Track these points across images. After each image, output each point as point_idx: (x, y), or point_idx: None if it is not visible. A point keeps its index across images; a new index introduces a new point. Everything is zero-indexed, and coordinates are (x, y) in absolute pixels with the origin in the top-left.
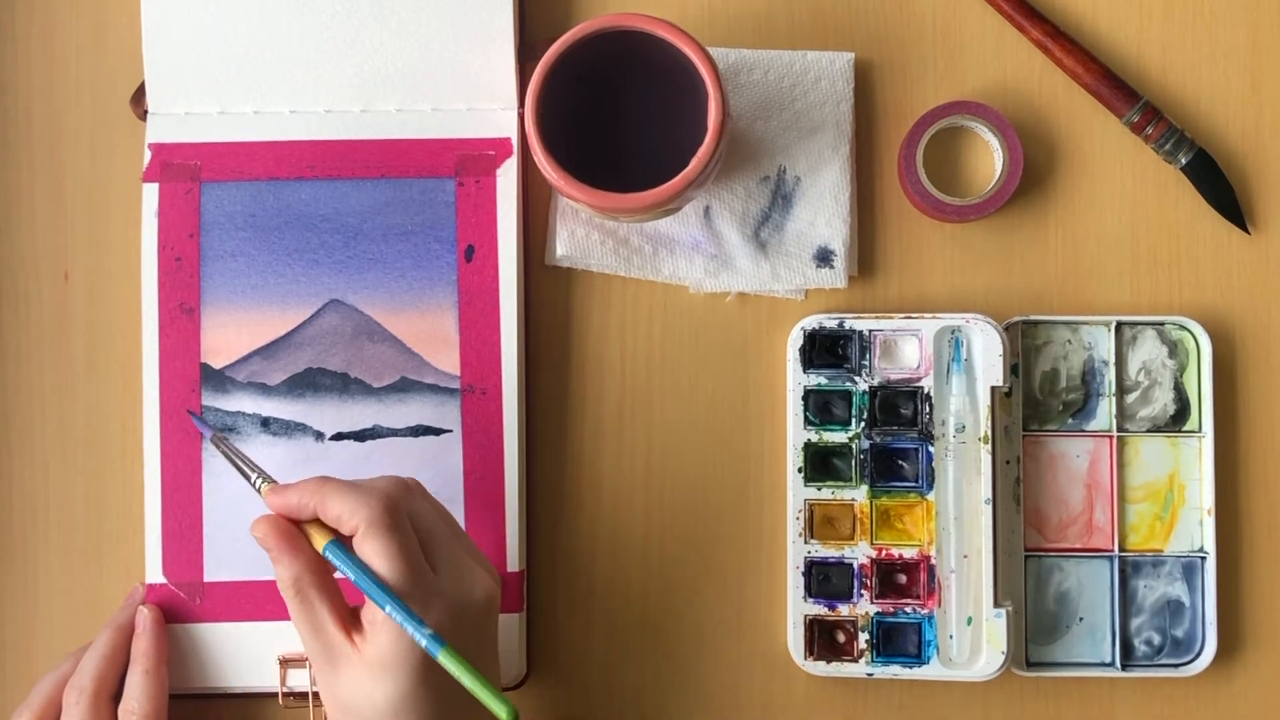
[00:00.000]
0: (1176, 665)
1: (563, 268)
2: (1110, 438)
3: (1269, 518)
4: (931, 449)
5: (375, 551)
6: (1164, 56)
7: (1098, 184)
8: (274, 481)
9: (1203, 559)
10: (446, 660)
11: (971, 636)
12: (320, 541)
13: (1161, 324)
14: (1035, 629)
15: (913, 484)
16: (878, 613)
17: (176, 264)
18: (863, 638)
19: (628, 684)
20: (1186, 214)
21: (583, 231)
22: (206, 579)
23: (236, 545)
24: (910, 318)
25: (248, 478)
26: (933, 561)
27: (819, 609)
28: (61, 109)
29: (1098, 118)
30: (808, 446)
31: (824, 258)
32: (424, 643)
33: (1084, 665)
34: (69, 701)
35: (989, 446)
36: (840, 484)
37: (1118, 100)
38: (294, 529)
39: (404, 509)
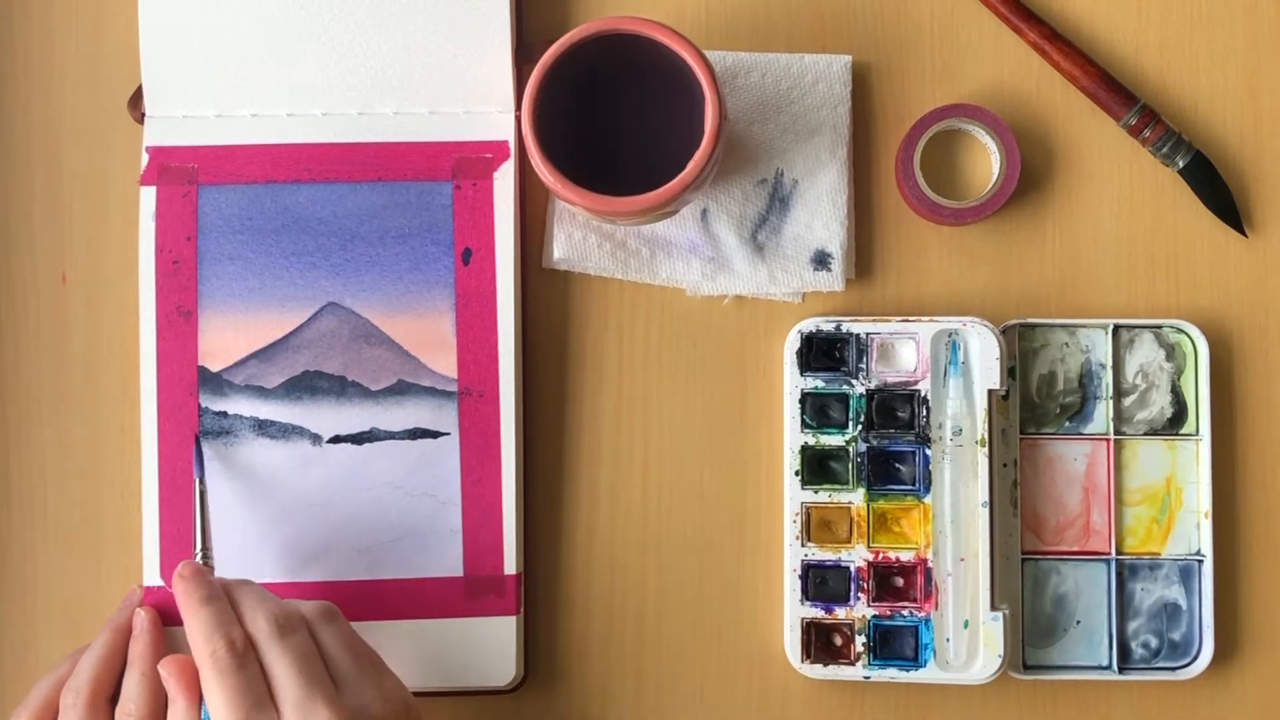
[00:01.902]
0: (1173, 668)
1: (560, 270)
2: (1107, 441)
3: (1266, 521)
4: (928, 452)
5: (211, 697)
6: (1161, 59)
7: (1095, 187)
8: (209, 560)
9: (1200, 562)
10: None
11: (968, 639)
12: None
13: (1159, 327)
14: (1032, 632)
15: (910, 487)
16: (874, 616)
17: (174, 267)
18: (859, 641)
19: (624, 687)
20: (1184, 217)
21: (580, 234)
22: None
23: (234, 548)
24: (907, 321)
25: (194, 541)
26: (930, 564)
27: (816, 612)
28: (59, 112)
29: (1095, 120)
30: (805, 449)
31: (821, 261)
32: None
33: (1081, 668)
34: (66, 703)
35: (986, 449)
36: (837, 487)
37: (1115, 103)
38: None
39: (289, 634)
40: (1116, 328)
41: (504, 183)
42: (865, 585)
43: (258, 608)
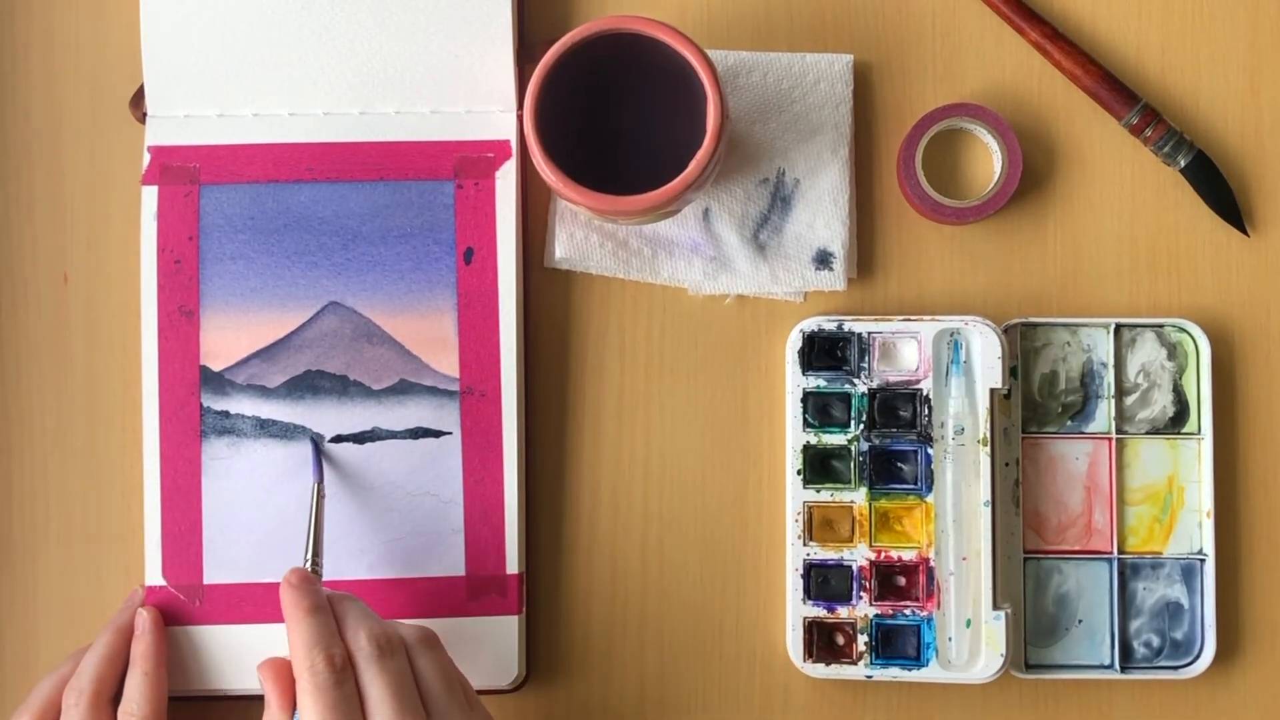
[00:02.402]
0: (1176, 667)
1: (562, 270)
2: (1109, 440)
3: (1268, 520)
4: (930, 451)
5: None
6: (1163, 58)
7: (1097, 186)
8: (317, 569)
9: (1202, 561)
10: None
11: (970, 639)
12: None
13: (1161, 326)
14: (1034, 631)
15: (912, 486)
16: (877, 615)
17: (176, 266)
18: (862, 640)
19: (626, 686)
20: (1185, 216)
21: (582, 234)
22: (206, 581)
23: (236, 548)
24: (909, 320)
25: (306, 548)
26: (932, 564)
27: (818, 611)
28: (61, 111)
29: (1097, 120)
30: (807, 449)
31: (823, 260)
32: None
33: (1083, 667)
34: (68, 703)
35: (988, 449)
36: (839, 486)
37: (1117, 102)
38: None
39: (401, 652)
40: (1118, 327)
41: (506, 182)
42: (867, 584)
43: (360, 625)
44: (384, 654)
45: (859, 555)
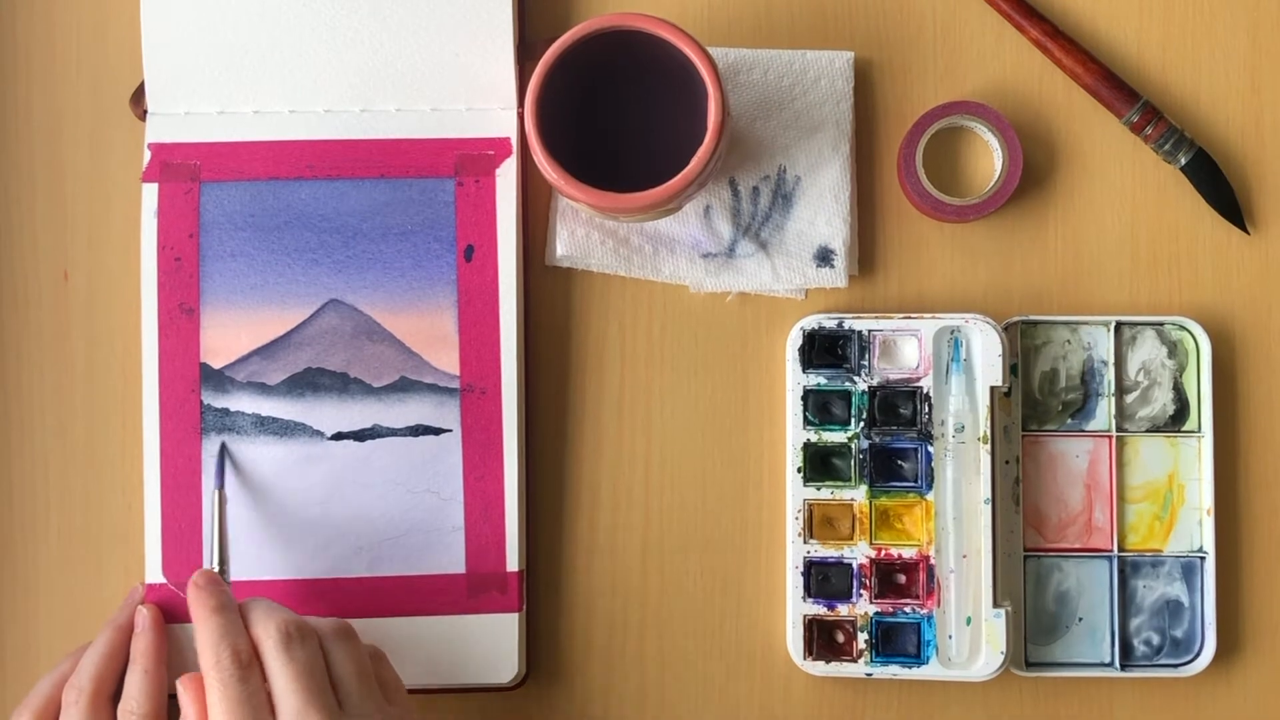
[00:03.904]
0: (1176, 665)
1: (562, 267)
2: (1109, 438)
3: (1268, 518)
4: (931, 449)
5: (275, 671)
6: (1164, 56)
7: (1097, 184)
8: (224, 572)
9: (1202, 559)
10: None
11: (970, 636)
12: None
13: (1161, 324)
14: (1034, 629)
15: (912, 484)
16: (877, 613)
17: (176, 264)
18: (862, 638)
19: (626, 683)
20: (1186, 214)
21: (583, 231)
22: None
23: (236, 546)
24: (909, 318)
25: (211, 550)
26: (932, 561)
27: (818, 609)
28: (61, 109)
29: (1097, 118)
30: (807, 446)
31: (824, 257)
32: None
33: (1083, 665)
34: (68, 701)
35: (988, 446)
36: (839, 484)
37: (1117, 100)
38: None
39: (311, 642)
40: (1118, 325)
41: (506, 180)
42: (867, 582)
43: (269, 618)
44: (291, 643)
45: (859, 553)
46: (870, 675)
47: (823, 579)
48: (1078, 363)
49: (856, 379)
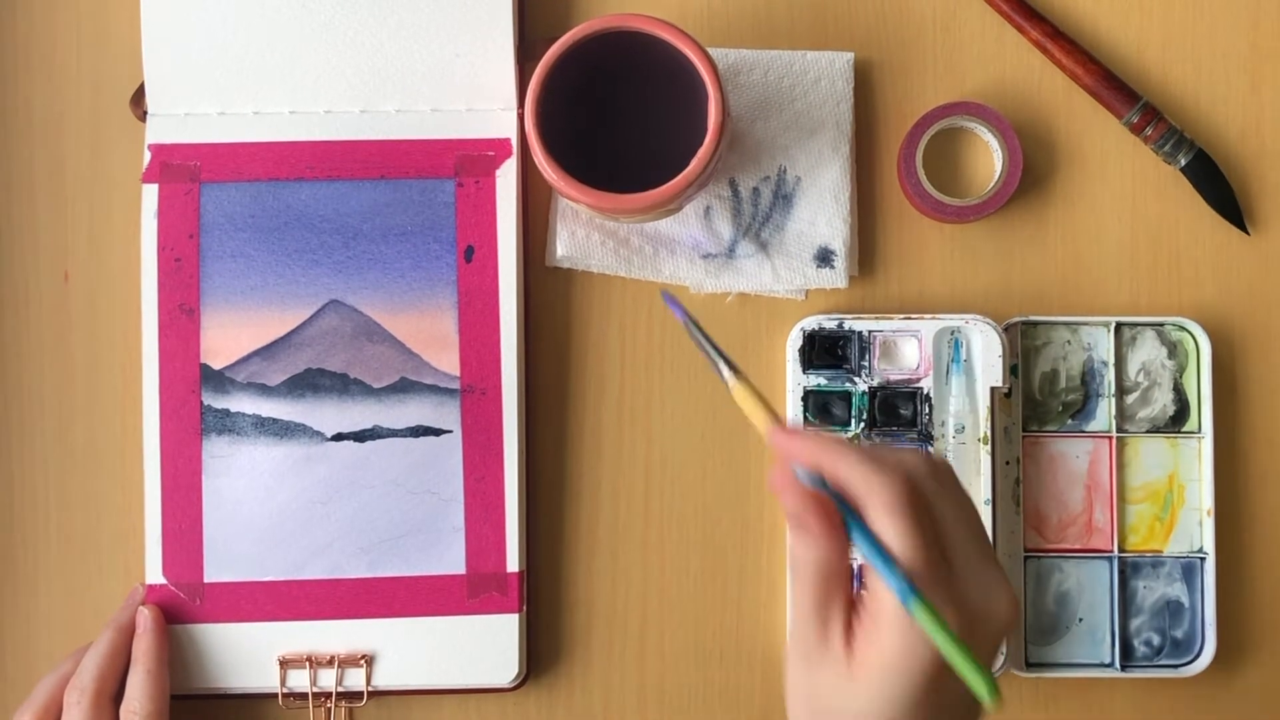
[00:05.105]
0: (1176, 666)
1: (563, 268)
2: (1110, 438)
3: (1268, 518)
4: (931, 449)
5: (896, 533)
6: (1163, 57)
7: (1097, 185)
8: (743, 375)
9: (1202, 560)
10: (920, 614)
11: None
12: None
13: (1161, 325)
14: (1035, 630)
15: None
16: None
17: (176, 264)
18: None
19: (626, 685)
20: (1186, 215)
21: (583, 232)
22: (206, 580)
23: (237, 546)
24: (910, 318)
25: (716, 367)
26: None
27: None
28: (62, 110)
29: (1097, 118)
30: None
31: (824, 258)
32: (895, 587)
33: (1083, 666)
34: (70, 701)
35: (988, 447)
36: None
37: (1117, 101)
38: (832, 507)
39: (928, 493)
40: (1119, 325)
41: (506, 180)
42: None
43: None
44: (942, 477)
45: (859, 553)
46: None
47: None
48: (1078, 363)
49: (857, 380)
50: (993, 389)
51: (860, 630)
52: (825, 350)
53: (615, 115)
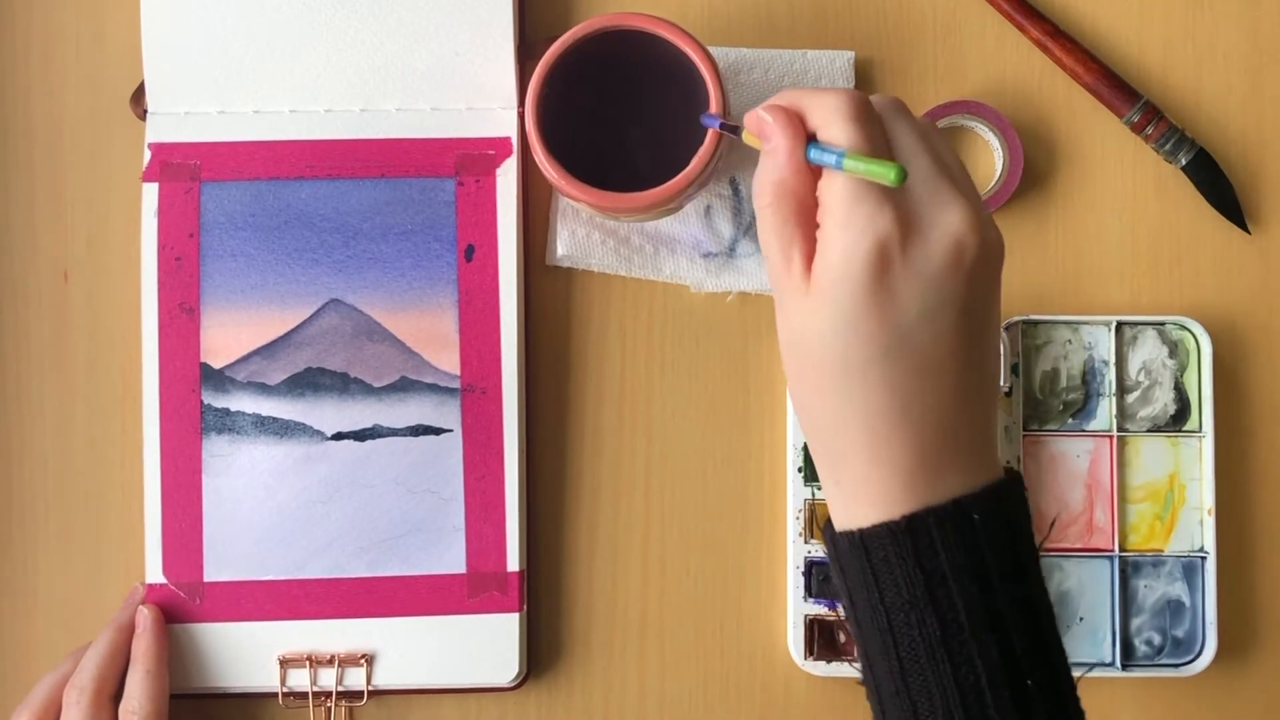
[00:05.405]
0: (1177, 665)
1: (563, 267)
2: (1110, 438)
3: (1269, 517)
4: None
5: (841, 131)
6: (1164, 56)
7: (1098, 184)
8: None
9: (1203, 559)
10: (852, 164)
11: None
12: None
13: (1162, 324)
14: None
15: None
16: None
17: (176, 263)
18: None
19: (627, 684)
20: (1187, 214)
21: (583, 231)
22: (206, 579)
23: (236, 545)
24: None
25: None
26: None
27: (819, 609)
28: (61, 109)
29: (1098, 117)
30: (808, 447)
31: None
32: (831, 160)
33: (1084, 665)
34: (69, 701)
35: None
36: None
37: (1118, 100)
38: (795, 117)
39: (883, 112)
40: (1119, 325)
41: (507, 179)
42: None
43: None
44: (897, 110)
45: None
46: None
47: (824, 579)
48: (1079, 362)
49: None
50: None
51: (815, 255)
52: None
53: (616, 114)
